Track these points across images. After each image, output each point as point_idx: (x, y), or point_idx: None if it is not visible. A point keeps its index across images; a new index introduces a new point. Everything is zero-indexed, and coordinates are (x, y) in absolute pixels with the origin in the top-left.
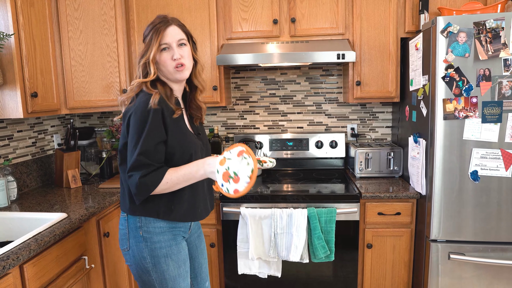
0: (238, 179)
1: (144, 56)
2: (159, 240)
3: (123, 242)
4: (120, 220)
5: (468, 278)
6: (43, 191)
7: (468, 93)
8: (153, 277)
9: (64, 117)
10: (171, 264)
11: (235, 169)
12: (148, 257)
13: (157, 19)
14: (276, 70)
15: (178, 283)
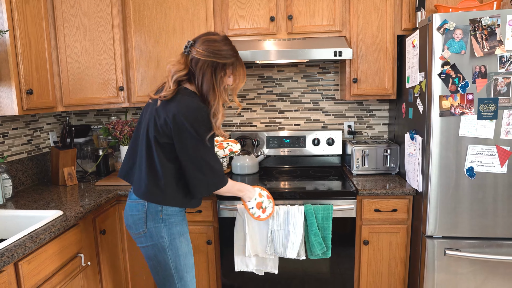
0: (265, 211)
1: (221, 86)
2: (175, 221)
3: (138, 226)
4: (134, 206)
5: (464, 274)
6: (38, 189)
7: (464, 90)
8: (168, 254)
9: (60, 114)
10: (183, 241)
11: (266, 205)
12: (166, 235)
13: (235, 48)
14: (273, 68)
15: (188, 259)
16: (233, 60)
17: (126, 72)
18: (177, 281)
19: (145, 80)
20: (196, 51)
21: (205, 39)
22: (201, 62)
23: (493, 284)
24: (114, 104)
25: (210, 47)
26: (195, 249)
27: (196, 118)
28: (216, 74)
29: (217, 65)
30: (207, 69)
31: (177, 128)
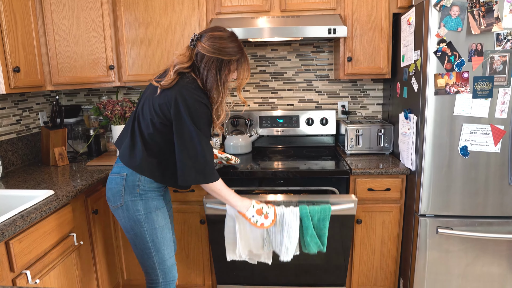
0: (267, 217)
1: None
2: (151, 196)
3: (116, 199)
4: (113, 180)
5: (455, 252)
6: (29, 169)
7: (460, 68)
8: (144, 228)
9: (49, 94)
10: (160, 215)
11: (266, 210)
12: (142, 209)
13: (241, 45)
14: (266, 46)
15: (165, 232)
16: (238, 56)
17: (117, 50)
18: (155, 254)
19: (136, 58)
20: (201, 46)
21: (211, 35)
22: (206, 58)
23: (484, 261)
24: (104, 83)
25: (216, 43)
26: (189, 229)
27: (196, 110)
28: (221, 71)
29: (222, 62)
30: (212, 66)
31: (176, 115)
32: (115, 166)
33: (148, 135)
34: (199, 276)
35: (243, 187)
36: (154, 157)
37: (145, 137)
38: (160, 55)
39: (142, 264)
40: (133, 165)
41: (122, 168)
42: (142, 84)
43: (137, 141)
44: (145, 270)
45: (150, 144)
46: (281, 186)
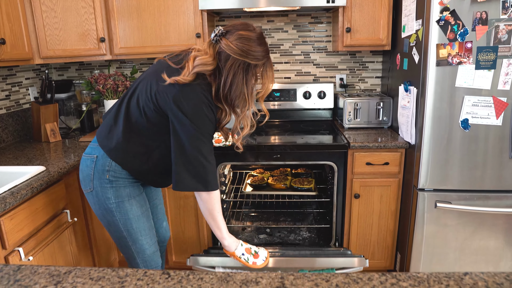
0: (257, 256)
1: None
2: (124, 183)
3: (86, 183)
4: (84, 161)
5: (453, 226)
6: (20, 145)
7: (463, 38)
8: (117, 217)
9: (39, 69)
10: (134, 203)
11: (255, 249)
12: (113, 197)
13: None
14: (262, 17)
15: (142, 222)
16: (264, 61)
17: (107, 22)
18: (131, 244)
19: (127, 30)
20: (227, 45)
21: (241, 34)
22: (232, 60)
23: (481, 235)
24: (95, 57)
25: (245, 45)
26: (184, 204)
27: (201, 118)
28: (248, 77)
29: (249, 67)
30: (238, 70)
31: (176, 115)
32: (89, 145)
33: (135, 118)
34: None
35: (239, 162)
36: (133, 145)
37: (131, 119)
38: (152, 27)
39: (122, 252)
40: (106, 147)
41: (94, 149)
42: (135, 57)
43: (120, 121)
44: (126, 257)
45: (133, 130)
46: (277, 160)
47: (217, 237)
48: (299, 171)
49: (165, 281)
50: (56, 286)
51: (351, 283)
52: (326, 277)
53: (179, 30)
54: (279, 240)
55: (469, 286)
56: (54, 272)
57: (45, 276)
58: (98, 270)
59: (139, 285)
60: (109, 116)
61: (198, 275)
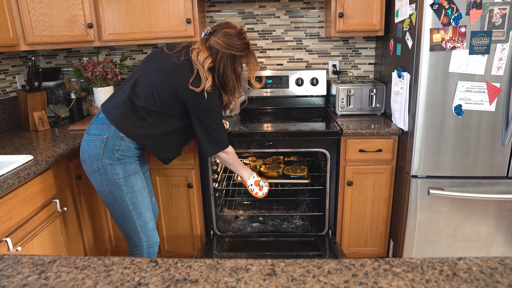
0: (261, 189)
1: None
2: (130, 160)
3: (93, 162)
4: (91, 142)
5: (446, 213)
6: (7, 135)
7: (457, 22)
8: (124, 191)
9: (26, 56)
10: (138, 178)
11: (262, 183)
12: (121, 173)
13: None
14: (254, 3)
15: (144, 195)
16: (247, 52)
17: (95, 7)
18: (136, 217)
19: (116, 16)
20: (215, 41)
21: (225, 32)
22: (221, 54)
23: (473, 222)
24: (83, 43)
25: (230, 40)
26: (176, 193)
27: (215, 107)
28: (236, 65)
29: (235, 57)
30: (227, 61)
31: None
32: (93, 128)
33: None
34: (188, 241)
35: None
36: (148, 127)
37: (146, 107)
38: (141, 12)
39: (123, 229)
40: (125, 130)
41: (103, 130)
42: (124, 43)
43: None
44: (127, 234)
45: (152, 115)
46: (270, 148)
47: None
48: (292, 159)
49: (152, 269)
50: (39, 276)
51: (344, 269)
52: (318, 264)
53: (169, 15)
54: (272, 228)
55: (463, 271)
56: (38, 261)
57: (29, 265)
58: (84, 259)
59: (125, 274)
60: (120, 102)
61: (186, 263)
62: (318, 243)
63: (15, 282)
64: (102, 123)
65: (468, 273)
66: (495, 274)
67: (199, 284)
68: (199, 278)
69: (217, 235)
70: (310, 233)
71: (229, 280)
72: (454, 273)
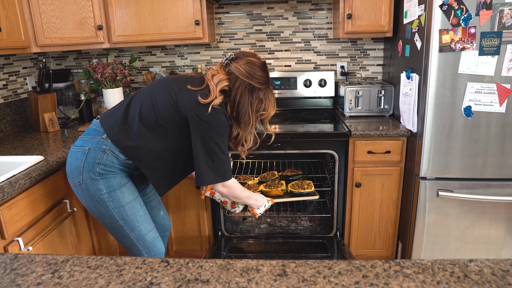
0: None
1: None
2: (113, 172)
3: (74, 176)
4: (74, 154)
5: (455, 215)
6: (19, 135)
7: (467, 23)
8: (110, 207)
9: (36, 58)
10: (125, 191)
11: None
12: (104, 188)
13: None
14: (262, 4)
15: (136, 208)
16: (266, 86)
17: (105, 9)
18: (129, 232)
19: (125, 18)
20: (236, 67)
21: (249, 60)
22: (240, 81)
23: (482, 224)
24: (93, 45)
25: (253, 69)
26: (185, 194)
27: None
28: (253, 97)
29: (254, 89)
30: (245, 90)
31: (196, 122)
32: (79, 138)
33: (150, 120)
34: (196, 241)
35: None
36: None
37: (145, 121)
38: (150, 13)
39: (120, 241)
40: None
41: (87, 141)
42: (133, 45)
43: (135, 121)
44: (125, 246)
45: (149, 129)
46: (278, 149)
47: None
48: (287, 173)
49: (164, 269)
50: (53, 275)
51: (354, 270)
52: (329, 265)
53: (177, 17)
54: (280, 229)
55: (475, 273)
56: (51, 260)
57: (42, 264)
58: (96, 259)
59: (137, 273)
60: (118, 114)
61: (197, 263)
62: (326, 245)
63: (29, 281)
64: (87, 133)
65: (479, 275)
66: (507, 276)
67: (210, 284)
68: (211, 278)
69: (225, 236)
70: (318, 235)
71: (240, 281)
72: (465, 275)
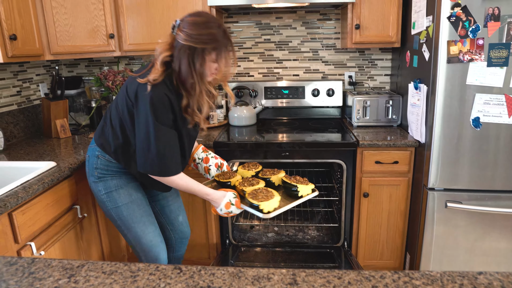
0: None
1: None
2: (110, 176)
3: (88, 177)
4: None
5: (464, 226)
6: (31, 141)
7: (475, 35)
8: (108, 207)
9: (49, 65)
10: (121, 192)
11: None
12: (102, 189)
13: (220, 32)
14: (271, 14)
15: (132, 209)
16: (213, 45)
17: (116, 18)
18: (126, 232)
19: (136, 27)
20: (178, 33)
21: (189, 20)
22: (179, 46)
23: (493, 237)
24: (105, 53)
25: (192, 30)
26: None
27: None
28: (195, 61)
29: (195, 51)
30: (184, 55)
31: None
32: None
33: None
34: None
35: (247, 159)
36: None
37: (112, 121)
38: (160, 21)
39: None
40: (99, 142)
41: (88, 149)
42: (143, 53)
43: (107, 123)
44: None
45: (115, 128)
46: (286, 158)
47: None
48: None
49: (177, 276)
50: (69, 279)
51: (363, 281)
52: (338, 274)
53: None
54: (288, 238)
55: (484, 285)
56: (67, 265)
57: (59, 269)
58: (111, 264)
59: (151, 280)
60: (100, 122)
61: (209, 271)
62: (334, 255)
63: (46, 285)
64: (92, 141)
65: None
66: None
67: None
68: (222, 286)
69: (233, 244)
70: (326, 244)
71: None
72: (475, 287)
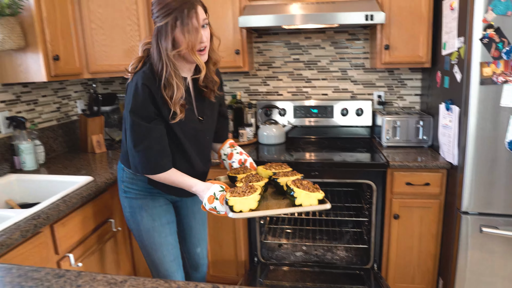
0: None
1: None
2: (136, 195)
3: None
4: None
5: (501, 253)
6: (69, 155)
7: (509, 56)
8: (131, 226)
9: (86, 83)
10: (144, 215)
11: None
12: (127, 206)
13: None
14: (299, 34)
15: (152, 236)
16: (175, 15)
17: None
18: (146, 256)
19: None
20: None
21: (152, 2)
22: (154, 31)
23: None
24: None
25: (154, 10)
26: (222, 217)
27: (131, 99)
28: (161, 39)
29: (160, 29)
30: (155, 37)
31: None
32: None
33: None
34: (232, 266)
35: None
36: (124, 147)
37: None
38: None
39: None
40: (121, 155)
41: (118, 163)
42: None
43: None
44: None
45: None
46: (316, 178)
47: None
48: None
49: None
50: None
51: None
52: None
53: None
54: (316, 258)
55: None
56: (111, 280)
57: (103, 283)
58: (152, 281)
59: None
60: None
61: None
62: (363, 277)
63: None
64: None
65: None
66: None
67: None
68: None
69: (261, 262)
70: (355, 266)
71: None
72: None
